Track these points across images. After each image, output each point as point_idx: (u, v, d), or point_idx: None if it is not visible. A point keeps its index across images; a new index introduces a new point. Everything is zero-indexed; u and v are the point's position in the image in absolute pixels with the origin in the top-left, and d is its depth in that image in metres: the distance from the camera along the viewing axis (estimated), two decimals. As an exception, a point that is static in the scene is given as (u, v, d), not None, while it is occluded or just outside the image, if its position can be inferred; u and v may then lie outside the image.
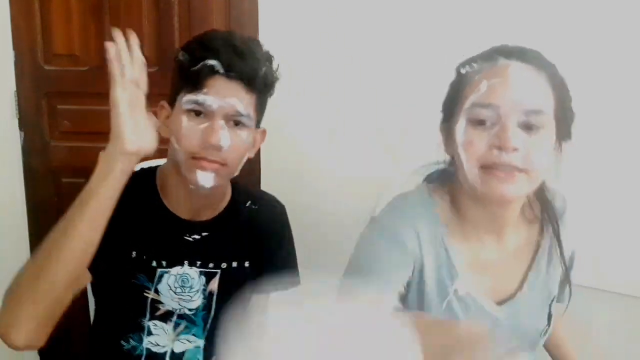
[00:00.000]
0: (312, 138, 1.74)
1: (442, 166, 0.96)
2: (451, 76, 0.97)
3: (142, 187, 1.10)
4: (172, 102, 1.03)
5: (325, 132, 1.72)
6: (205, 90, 0.96)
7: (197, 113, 0.98)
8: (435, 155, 0.96)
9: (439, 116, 0.94)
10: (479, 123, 0.83)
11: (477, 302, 0.92)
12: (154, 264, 1.08)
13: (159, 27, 1.74)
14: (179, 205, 1.09)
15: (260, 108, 1.04)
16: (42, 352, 1.99)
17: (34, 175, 1.88)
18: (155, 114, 1.02)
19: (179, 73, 1.00)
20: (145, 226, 1.08)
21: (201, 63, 0.96)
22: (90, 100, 1.80)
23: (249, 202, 1.18)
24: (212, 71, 0.96)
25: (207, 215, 1.12)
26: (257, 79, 0.99)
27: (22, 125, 1.85)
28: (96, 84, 1.73)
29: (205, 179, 0.99)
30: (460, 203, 0.92)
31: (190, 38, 1.04)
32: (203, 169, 0.98)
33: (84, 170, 1.94)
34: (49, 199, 1.89)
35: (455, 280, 0.90)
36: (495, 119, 0.82)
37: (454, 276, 0.90)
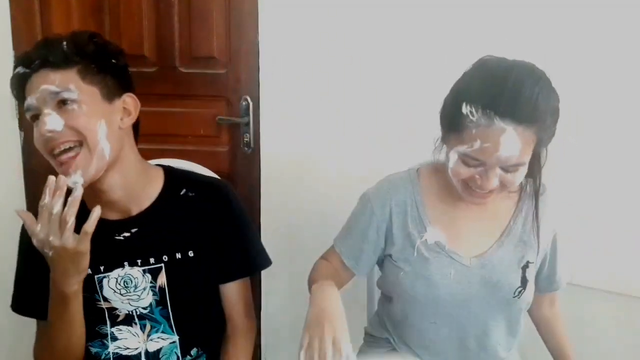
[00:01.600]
0: (312, 138, 1.74)
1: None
2: (449, 77, 1.03)
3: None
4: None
5: (325, 132, 1.72)
6: (27, 95, 1.00)
7: (34, 117, 1.01)
8: (433, 153, 1.12)
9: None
10: (467, 163, 1.00)
11: (446, 251, 1.11)
12: (89, 271, 1.06)
13: (159, 27, 1.74)
14: (103, 207, 1.04)
15: (97, 78, 1.02)
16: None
17: (34, 175, 1.88)
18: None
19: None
20: None
21: (16, 74, 1.02)
22: (90, 100, 1.80)
23: (184, 189, 1.14)
24: (25, 76, 1.01)
25: (138, 209, 1.10)
26: (59, 56, 0.99)
27: (22, 125, 1.85)
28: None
29: (75, 179, 0.99)
30: (447, 178, 1.09)
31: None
32: (66, 173, 0.99)
33: (84, 170, 1.94)
34: (49, 199, 1.89)
35: (423, 233, 1.12)
36: (480, 164, 0.99)
37: (421, 230, 1.13)
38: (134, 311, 1.12)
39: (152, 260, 1.10)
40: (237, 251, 1.17)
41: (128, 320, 1.12)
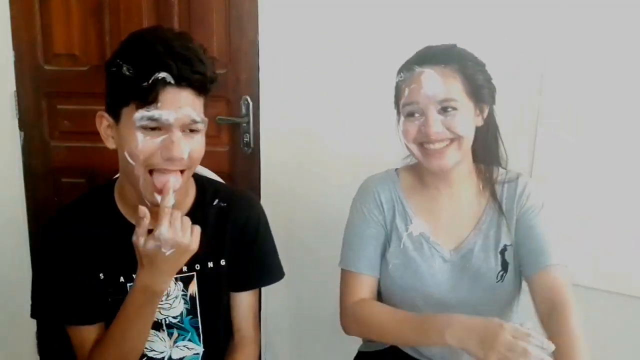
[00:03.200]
0: (311, 138, 1.74)
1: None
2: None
3: (99, 206, 1.10)
4: (114, 113, 0.99)
5: (325, 132, 1.72)
6: (158, 104, 0.93)
7: (155, 128, 0.95)
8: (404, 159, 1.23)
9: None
10: (410, 115, 1.12)
11: (430, 242, 1.18)
12: (122, 279, 1.08)
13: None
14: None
15: (205, 107, 1.02)
16: (42, 351, 2.00)
17: (34, 175, 1.89)
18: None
19: (124, 87, 0.95)
20: (108, 245, 1.07)
21: (152, 77, 0.92)
22: (90, 100, 1.79)
23: (217, 200, 1.15)
24: (164, 83, 0.93)
25: None
26: (206, 83, 0.97)
27: (22, 125, 1.85)
28: (96, 84, 1.73)
29: (165, 199, 0.97)
30: (421, 170, 1.21)
31: (121, 43, 0.99)
32: (163, 193, 0.97)
33: (84, 170, 1.96)
34: (49, 199, 1.89)
35: (409, 225, 1.19)
36: (420, 111, 1.10)
37: (407, 223, 1.19)
38: (163, 320, 1.12)
39: (184, 268, 1.11)
40: (257, 262, 1.18)
41: (156, 326, 1.12)
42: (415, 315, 1.08)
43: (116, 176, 1.13)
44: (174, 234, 0.94)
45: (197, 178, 1.16)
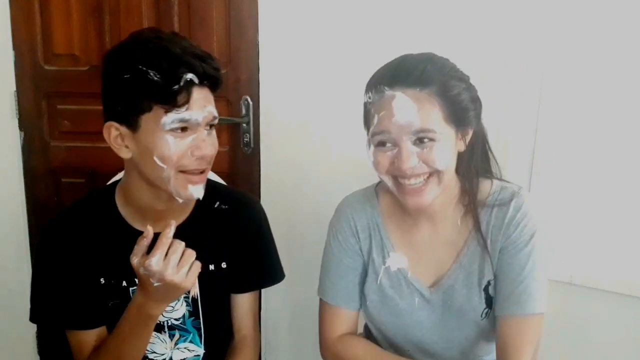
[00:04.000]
0: (311, 138, 1.74)
1: None
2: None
3: (100, 209, 1.09)
4: (129, 122, 0.96)
5: (325, 132, 1.72)
6: (187, 105, 0.93)
7: (183, 129, 0.95)
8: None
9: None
10: (382, 145, 0.97)
11: (407, 279, 1.07)
12: (124, 284, 1.08)
13: (159, 27, 1.74)
14: (143, 219, 1.07)
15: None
16: (42, 352, 2.00)
17: (34, 175, 1.89)
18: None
19: (148, 93, 0.93)
20: (109, 249, 1.07)
21: (183, 79, 0.92)
22: (90, 100, 1.79)
23: (218, 202, 1.15)
24: (192, 84, 0.94)
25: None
26: (220, 79, 0.99)
27: (22, 125, 1.85)
28: (96, 84, 1.73)
29: (198, 191, 1.00)
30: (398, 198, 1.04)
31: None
32: (195, 183, 0.98)
33: (84, 170, 1.96)
34: (49, 199, 1.89)
35: (386, 259, 1.08)
36: (392, 141, 0.96)
37: (385, 256, 1.08)
38: (165, 322, 1.12)
39: None
40: (258, 264, 1.18)
41: (158, 328, 1.12)
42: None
43: (115, 179, 1.12)
44: (164, 269, 0.91)
45: None
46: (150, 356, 1.14)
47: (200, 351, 1.16)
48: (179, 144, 0.95)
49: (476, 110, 1.00)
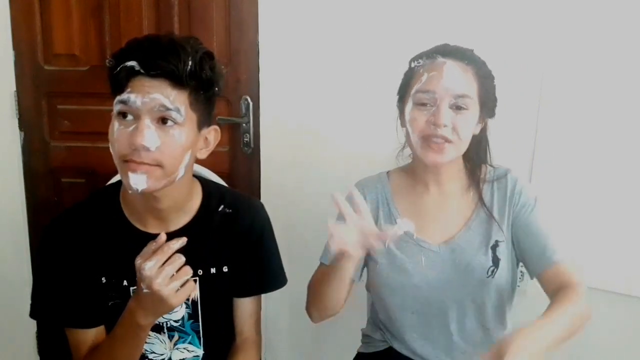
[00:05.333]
0: (311, 138, 1.74)
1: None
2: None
3: (103, 208, 1.09)
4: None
5: (325, 132, 1.72)
6: (128, 89, 0.94)
7: (124, 115, 0.95)
8: (397, 157, 1.28)
9: (395, 97, 1.21)
10: (421, 105, 1.11)
11: (414, 239, 1.17)
12: (125, 283, 1.08)
13: (159, 27, 1.74)
14: (145, 219, 1.07)
15: (199, 105, 0.99)
16: (42, 351, 2.00)
17: (34, 175, 1.89)
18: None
19: (109, 79, 0.98)
20: (111, 248, 1.06)
21: (122, 66, 0.94)
22: (90, 100, 1.80)
23: (222, 205, 1.14)
24: (133, 72, 0.94)
25: (176, 224, 1.09)
26: (184, 75, 0.94)
27: (22, 125, 1.85)
28: (96, 84, 1.74)
29: (137, 181, 0.94)
30: (414, 166, 1.22)
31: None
32: (133, 170, 0.94)
33: (84, 170, 1.96)
34: (49, 199, 1.89)
35: (394, 225, 1.12)
36: (432, 102, 1.09)
37: (393, 222, 1.18)
38: (164, 323, 1.12)
39: None
40: (260, 268, 1.18)
41: (157, 329, 1.12)
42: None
43: (116, 179, 1.12)
44: (154, 276, 0.90)
45: (204, 183, 1.16)
46: (150, 356, 1.14)
47: (200, 352, 1.16)
48: (121, 131, 0.95)
49: (494, 103, 1.16)
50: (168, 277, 0.91)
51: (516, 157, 1.55)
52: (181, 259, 0.93)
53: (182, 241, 0.94)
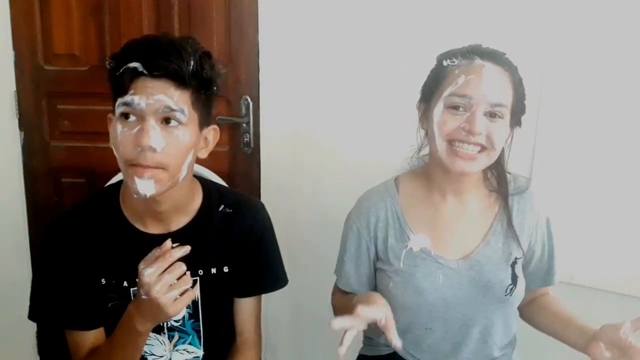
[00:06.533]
0: (311, 138, 1.74)
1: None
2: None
3: (104, 209, 1.08)
4: (113, 111, 0.99)
5: (326, 132, 1.72)
6: (131, 91, 0.93)
7: (127, 116, 0.94)
8: (410, 161, 1.21)
9: (417, 95, 1.14)
10: (454, 108, 1.03)
11: (432, 256, 1.11)
12: (125, 284, 1.07)
13: (159, 27, 1.74)
14: (145, 220, 1.07)
15: (200, 105, 0.99)
16: (42, 352, 2.00)
17: (34, 175, 1.89)
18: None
19: (110, 81, 0.97)
20: (111, 249, 1.06)
21: (125, 67, 0.93)
22: (90, 100, 1.80)
23: (223, 205, 1.14)
24: (136, 73, 0.93)
25: (177, 224, 1.09)
26: (186, 75, 0.94)
27: (22, 125, 1.85)
28: (96, 84, 1.74)
29: (145, 186, 0.94)
30: (431, 172, 1.14)
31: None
32: (139, 176, 0.93)
33: (84, 170, 1.96)
34: (49, 199, 1.89)
35: (407, 242, 1.12)
36: (467, 107, 1.02)
37: (405, 240, 1.13)
38: (165, 323, 1.12)
39: (187, 273, 1.10)
40: (261, 268, 1.18)
41: (157, 329, 1.11)
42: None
43: (116, 180, 1.12)
44: (153, 283, 0.90)
45: (204, 183, 1.16)
46: (150, 358, 1.14)
47: (200, 353, 1.16)
48: (125, 133, 0.94)
49: (523, 112, 1.09)
50: (167, 286, 0.90)
51: (516, 157, 1.55)
52: (182, 267, 0.92)
53: (185, 250, 0.93)
